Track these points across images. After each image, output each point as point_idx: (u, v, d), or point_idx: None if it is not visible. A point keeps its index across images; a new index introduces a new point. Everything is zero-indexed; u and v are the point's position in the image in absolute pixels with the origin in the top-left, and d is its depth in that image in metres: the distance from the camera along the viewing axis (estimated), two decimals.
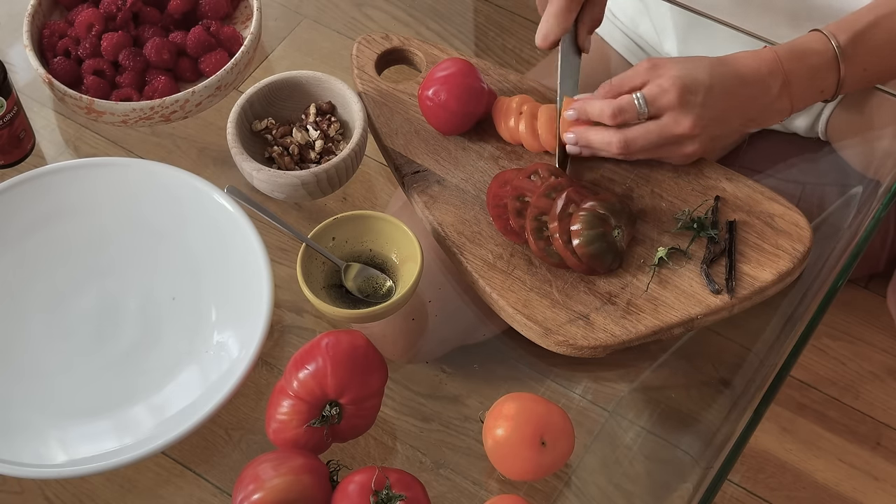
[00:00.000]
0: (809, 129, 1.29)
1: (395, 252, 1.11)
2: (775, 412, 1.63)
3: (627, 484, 1.06)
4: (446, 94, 1.15)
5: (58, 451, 1.04)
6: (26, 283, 1.13)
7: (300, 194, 1.14)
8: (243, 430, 1.08)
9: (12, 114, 1.19)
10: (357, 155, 1.15)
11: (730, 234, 1.09)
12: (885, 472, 1.59)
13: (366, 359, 0.98)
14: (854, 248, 1.10)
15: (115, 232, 1.16)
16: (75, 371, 1.08)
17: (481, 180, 1.15)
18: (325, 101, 1.19)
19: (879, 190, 1.16)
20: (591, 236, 1.06)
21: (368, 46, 1.24)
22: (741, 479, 1.57)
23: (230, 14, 1.32)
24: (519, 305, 1.06)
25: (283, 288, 1.12)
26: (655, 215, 1.11)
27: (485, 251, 1.10)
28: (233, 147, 1.14)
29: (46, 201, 1.16)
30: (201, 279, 1.13)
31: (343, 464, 0.99)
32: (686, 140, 1.08)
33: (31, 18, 1.26)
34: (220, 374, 1.05)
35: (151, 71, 1.25)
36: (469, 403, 1.09)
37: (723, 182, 1.13)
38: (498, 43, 1.38)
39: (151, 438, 1.01)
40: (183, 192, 1.15)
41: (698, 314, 1.05)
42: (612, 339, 1.04)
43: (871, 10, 1.11)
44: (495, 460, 1.01)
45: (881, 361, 1.68)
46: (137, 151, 1.26)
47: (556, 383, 1.10)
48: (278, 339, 1.13)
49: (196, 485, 1.05)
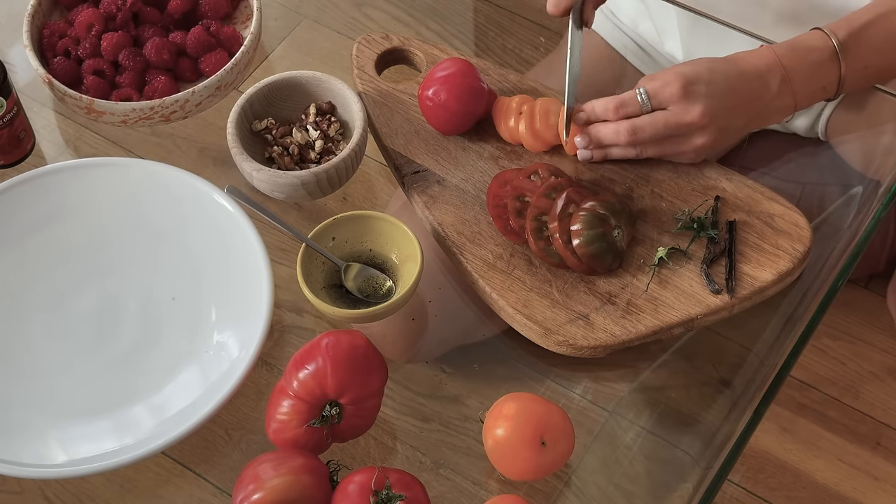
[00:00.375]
0: (809, 129, 1.29)
1: (395, 252, 1.11)
2: (775, 412, 1.63)
3: (627, 484, 1.06)
4: (446, 94, 1.15)
5: (58, 451, 1.04)
6: (26, 283, 1.13)
7: (300, 194, 1.14)
8: (243, 430, 1.08)
9: (12, 114, 1.19)
10: (357, 155, 1.15)
11: (730, 234, 1.09)
12: (885, 472, 1.59)
13: (366, 359, 0.98)
14: (854, 248, 1.10)
15: (115, 232, 1.16)
16: (75, 371, 1.08)
17: (481, 180, 1.15)
18: (325, 101, 1.19)
19: (879, 190, 1.16)
20: (591, 236, 1.06)
21: (368, 46, 1.24)
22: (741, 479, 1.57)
23: (230, 14, 1.32)
24: (519, 305, 1.06)
25: (283, 288, 1.12)
26: (655, 215, 1.11)
27: (485, 251, 1.10)
28: (233, 147, 1.14)
29: (46, 201, 1.16)
30: (201, 279, 1.13)
31: (343, 464, 0.99)
32: (696, 130, 1.08)
33: (31, 18, 1.26)
34: (220, 374, 1.05)
35: (151, 71, 1.25)
36: (469, 403, 1.09)
37: (723, 182, 1.13)
38: (498, 43, 1.38)
39: (151, 438, 1.01)
40: (183, 192, 1.15)
41: (698, 314, 1.05)
42: (612, 339, 1.04)
43: (869, 10, 1.12)
44: (495, 460, 1.01)
45: (881, 361, 1.68)
46: (137, 151, 1.26)
47: (556, 383, 1.10)
48: (278, 339, 1.12)
49: (196, 485, 1.05)
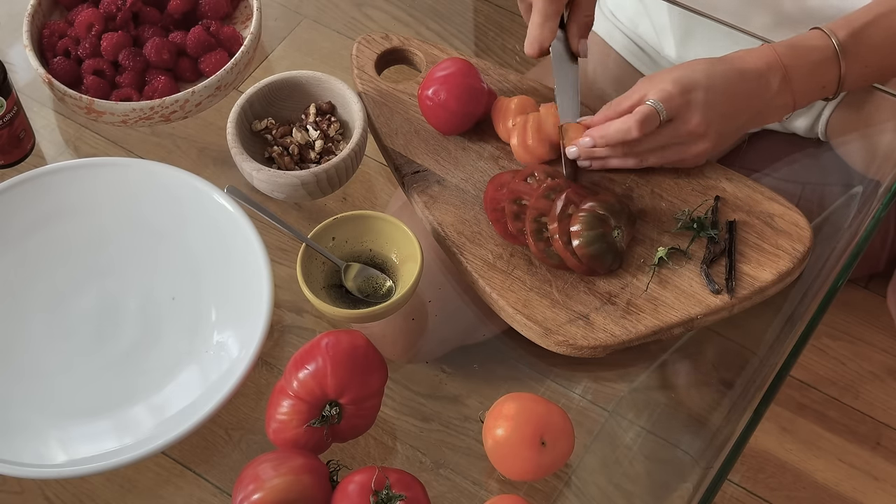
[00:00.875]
0: (809, 129, 1.29)
1: (395, 252, 1.11)
2: (775, 412, 1.63)
3: (627, 484, 1.06)
4: (446, 94, 1.15)
5: (58, 451, 1.04)
6: (26, 283, 1.13)
7: (300, 194, 1.14)
8: (243, 430, 1.08)
9: (12, 114, 1.19)
10: (357, 155, 1.15)
11: (730, 234, 1.09)
12: (885, 472, 1.59)
13: (366, 359, 0.98)
14: (854, 248, 1.10)
15: (115, 232, 1.16)
16: (75, 371, 1.08)
17: (481, 180, 1.15)
18: (325, 101, 1.19)
19: (879, 190, 1.16)
20: (590, 237, 1.06)
21: (368, 46, 1.24)
22: (741, 479, 1.57)
23: (230, 14, 1.32)
24: (519, 305, 1.06)
25: (283, 288, 1.12)
26: (655, 215, 1.11)
27: (485, 251, 1.10)
28: (233, 147, 1.14)
29: (46, 201, 1.16)
30: (201, 279, 1.13)
31: (343, 464, 0.99)
32: (697, 139, 1.09)
33: (31, 18, 1.26)
34: (220, 374, 1.05)
35: (151, 71, 1.25)
36: (469, 403, 1.09)
37: (723, 182, 1.13)
38: (498, 43, 1.38)
39: (151, 438, 1.01)
40: (183, 192, 1.15)
41: (698, 314, 1.05)
42: (612, 339, 1.04)
43: (869, 10, 1.12)
44: (495, 460, 1.01)
45: (881, 361, 1.68)
46: (137, 151, 1.26)
47: (556, 383, 1.10)
48: (278, 339, 1.12)
49: (196, 485, 1.05)
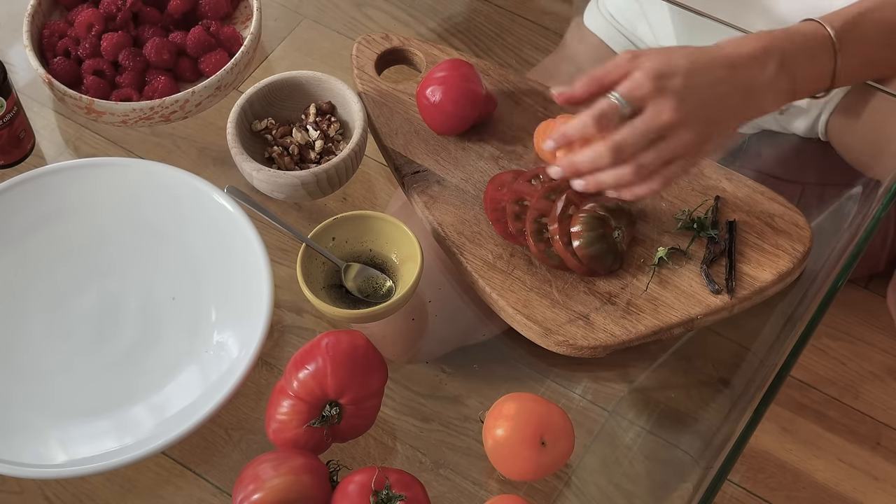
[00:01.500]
0: (809, 129, 1.29)
1: (395, 252, 1.11)
2: (775, 412, 1.63)
3: (627, 484, 1.06)
4: (442, 96, 1.15)
5: (58, 451, 1.04)
6: (27, 283, 1.13)
7: (300, 194, 1.14)
8: (243, 430, 1.08)
9: (12, 114, 1.19)
10: (357, 155, 1.15)
11: (730, 234, 1.09)
12: (885, 472, 1.59)
13: (366, 359, 0.98)
14: (854, 248, 1.10)
15: (115, 232, 1.16)
16: (75, 371, 1.08)
17: (481, 180, 1.15)
18: (325, 101, 1.19)
19: (879, 190, 1.16)
20: (591, 238, 1.06)
21: (368, 46, 1.24)
22: (741, 479, 1.57)
23: (230, 14, 1.32)
24: (519, 305, 1.06)
25: (283, 288, 1.12)
26: (655, 215, 1.11)
27: (485, 251, 1.10)
28: (233, 147, 1.14)
29: (46, 201, 1.16)
30: (201, 279, 1.13)
31: (343, 464, 0.99)
32: (677, 128, 1.02)
33: (31, 18, 1.26)
34: (220, 374, 1.05)
35: (151, 71, 1.25)
36: (469, 403, 1.09)
37: (723, 182, 1.13)
38: (498, 43, 1.38)
39: (151, 438, 1.01)
40: (183, 192, 1.15)
41: (698, 314, 1.05)
42: (612, 339, 1.04)
43: (861, 4, 1.11)
44: (495, 460, 1.01)
45: (881, 361, 1.68)
46: (137, 151, 1.26)
47: (556, 383, 1.10)
48: (278, 339, 1.12)
49: (196, 485, 1.05)
